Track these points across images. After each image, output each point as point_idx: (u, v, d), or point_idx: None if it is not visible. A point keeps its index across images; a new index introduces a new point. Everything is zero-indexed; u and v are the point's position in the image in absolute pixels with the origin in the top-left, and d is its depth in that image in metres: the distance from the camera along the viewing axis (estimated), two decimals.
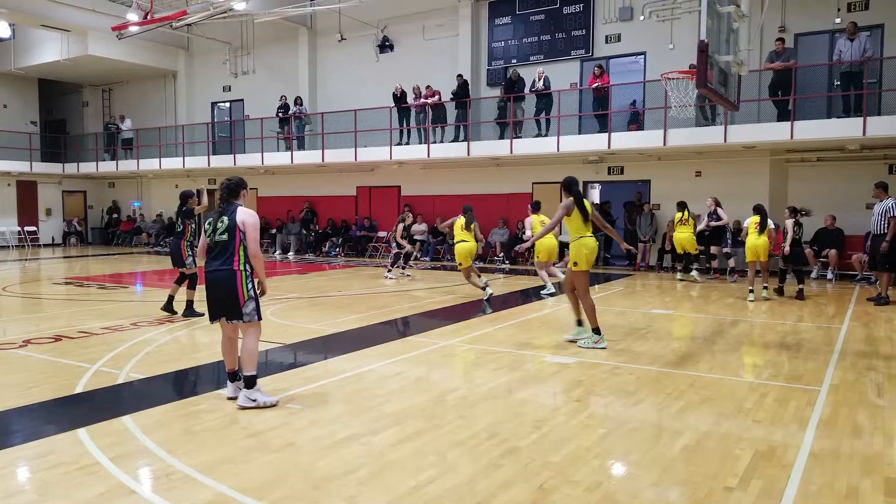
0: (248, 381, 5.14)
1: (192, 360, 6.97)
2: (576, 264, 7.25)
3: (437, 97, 17.84)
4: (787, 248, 11.32)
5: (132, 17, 18.72)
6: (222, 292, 5.15)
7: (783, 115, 13.60)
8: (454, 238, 11.66)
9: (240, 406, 5.12)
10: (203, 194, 9.60)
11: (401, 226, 14.95)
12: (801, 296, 11.15)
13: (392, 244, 15.01)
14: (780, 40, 13.91)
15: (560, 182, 7.52)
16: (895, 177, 13.51)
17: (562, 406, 5.28)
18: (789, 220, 11.35)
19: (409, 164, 19.28)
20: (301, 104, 20.51)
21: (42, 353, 7.10)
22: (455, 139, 17.73)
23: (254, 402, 5.10)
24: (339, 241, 20.81)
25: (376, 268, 16.76)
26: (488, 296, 11.11)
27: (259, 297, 5.30)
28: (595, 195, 18.47)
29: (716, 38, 7.27)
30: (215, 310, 5.25)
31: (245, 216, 5.18)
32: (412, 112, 18.37)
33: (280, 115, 20.63)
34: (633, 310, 10.13)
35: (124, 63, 23.47)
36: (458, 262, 11.50)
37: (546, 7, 17.86)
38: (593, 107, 15.94)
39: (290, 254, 20.92)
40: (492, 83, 18.75)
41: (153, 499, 3.58)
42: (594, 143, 15.59)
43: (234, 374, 5.32)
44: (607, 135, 15.23)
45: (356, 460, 4.09)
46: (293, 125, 20.42)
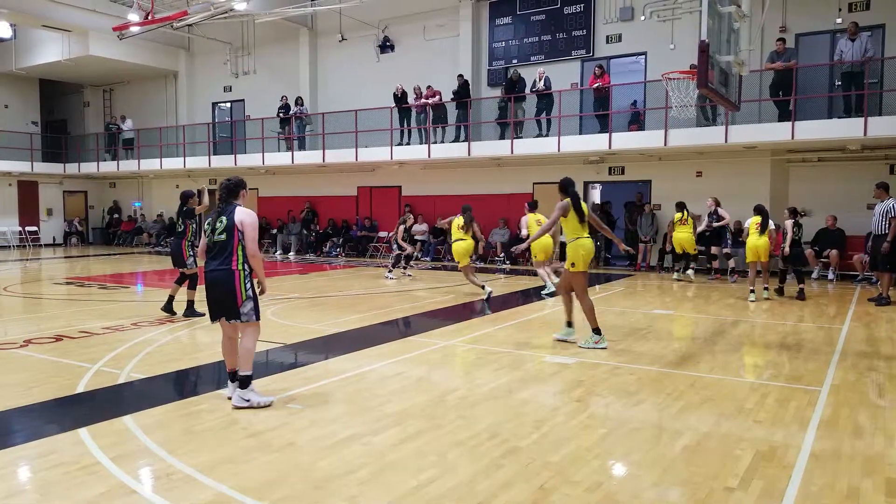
0: (242, 380, 5.16)
1: (192, 360, 6.98)
2: (573, 265, 7.27)
3: (437, 97, 17.85)
4: (786, 249, 11.33)
5: (133, 17, 18.74)
6: (221, 292, 5.18)
7: (784, 115, 13.59)
8: (452, 237, 11.86)
9: (234, 406, 5.12)
10: (204, 194, 9.60)
11: (402, 227, 14.96)
12: (801, 296, 11.14)
13: (393, 246, 15.02)
14: (781, 40, 13.90)
15: (557, 182, 7.52)
16: None
17: (562, 406, 5.28)
18: (789, 221, 11.35)
19: (410, 165, 19.28)
20: (302, 104, 20.52)
21: (43, 352, 7.10)
22: (456, 139, 17.74)
23: (247, 402, 5.11)
24: (340, 241, 20.81)
25: (377, 268, 16.76)
26: (488, 294, 11.17)
27: (259, 296, 5.31)
28: (596, 195, 18.47)
29: (717, 38, 7.27)
30: (215, 309, 5.28)
31: (243, 216, 5.19)
32: (413, 112, 18.37)
33: (281, 115, 20.63)
34: (633, 310, 10.13)
35: (125, 63, 23.49)
36: (457, 260, 11.75)
37: (547, 7, 17.85)
38: (594, 107, 15.94)
39: (291, 254, 20.92)
40: (492, 83, 18.75)
41: (154, 499, 3.58)
42: (595, 143, 15.60)
43: (234, 374, 5.32)
44: (608, 135, 15.23)
45: (357, 460, 4.10)
46: (294, 125, 20.43)
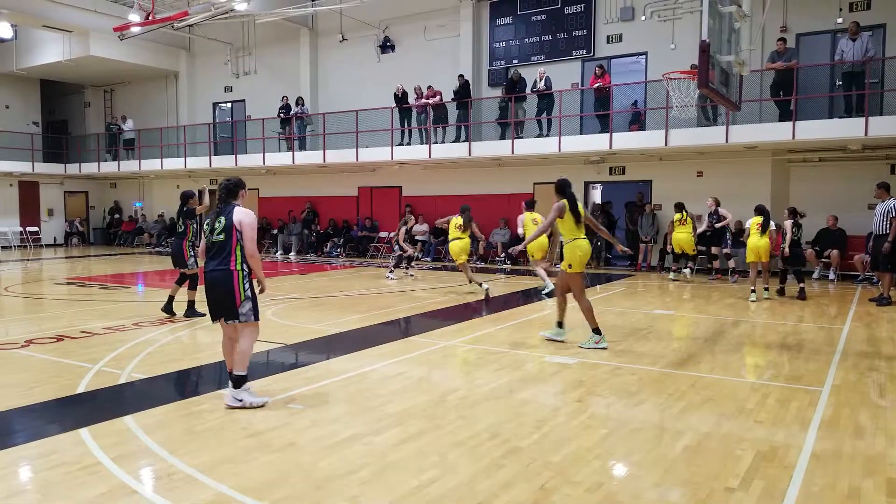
0: (236, 380, 5.15)
1: (193, 360, 6.99)
2: (570, 266, 7.29)
3: (438, 97, 17.85)
4: (786, 250, 11.33)
5: (134, 17, 18.73)
6: (219, 292, 5.19)
7: (785, 115, 13.58)
8: (449, 236, 12.26)
9: (226, 405, 5.12)
10: (204, 194, 9.60)
11: (403, 229, 14.98)
12: (802, 295, 11.14)
13: (395, 247, 15.03)
14: (782, 40, 13.89)
15: (553, 183, 7.53)
16: None
17: (563, 406, 5.28)
18: (788, 221, 11.36)
19: (411, 165, 19.29)
20: (303, 105, 20.52)
21: (44, 353, 7.11)
22: (456, 139, 17.74)
23: (240, 401, 5.10)
24: (341, 241, 20.81)
25: (378, 268, 16.76)
26: (486, 291, 11.40)
27: (259, 295, 5.32)
28: (597, 195, 18.47)
29: (717, 38, 7.27)
30: (214, 310, 5.29)
31: (242, 216, 5.19)
32: (413, 112, 18.38)
33: (281, 115, 20.65)
34: (634, 310, 10.13)
35: (126, 64, 23.50)
36: (454, 258, 12.16)
37: (547, 7, 17.85)
38: (595, 107, 15.93)
39: (292, 254, 20.93)
40: (493, 83, 18.74)
41: (155, 499, 3.58)
42: (595, 143, 15.59)
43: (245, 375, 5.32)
44: (609, 135, 15.22)
45: (358, 460, 4.10)
46: (294, 125, 20.43)
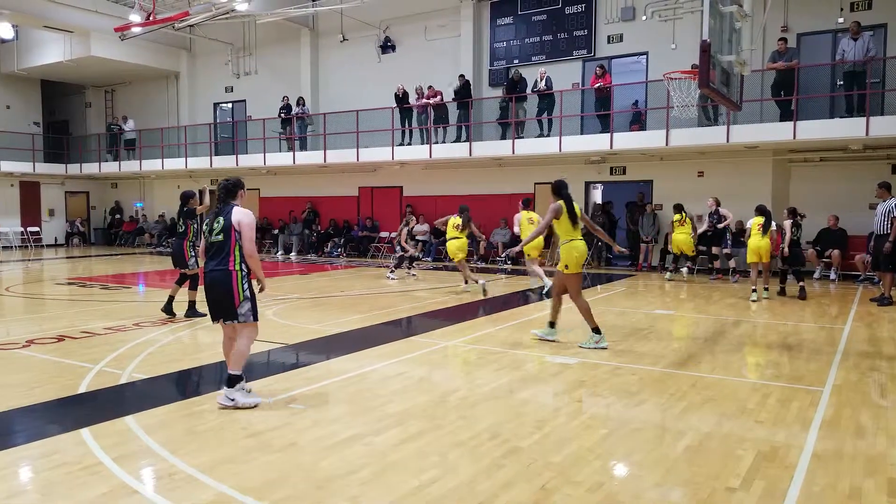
0: (230, 379, 5.15)
1: (194, 360, 6.99)
2: (566, 267, 7.30)
3: (438, 97, 17.85)
4: (785, 250, 11.33)
5: (135, 18, 18.75)
6: (219, 293, 5.19)
7: (786, 115, 13.57)
8: (447, 235, 12.47)
9: (219, 403, 5.12)
10: (205, 194, 9.61)
11: (405, 229, 14.99)
12: (803, 294, 11.14)
13: (396, 248, 15.03)
14: (783, 40, 13.88)
15: (550, 183, 7.54)
16: None
17: (563, 406, 5.28)
18: (787, 221, 11.36)
19: (411, 165, 19.29)
20: (303, 105, 20.53)
21: (45, 353, 7.11)
22: (457, 139, 17.73)
23: (232, 401, 5.09)
24: (341, 241, 20.82)
25: (378, 268, 16.77)
26: (483, 287, 11.63)
27: (259, 293, 5.32)
28: (597, 195, 18.46)
29: (718, 37, 7.26)
30: (214, 310, 5.29)
31: (240, 216, 5.19)
32: (414, 112, 18.38)
33: (282, 115, 20.65)
34: (635, 310, 10.13)
35: (127, 64, 23.51)
36: (451, 257, 12.40)
37: (548, 7, 17.84)
38: (595, 107, 15.93)
39: (292, 254, 20.94)
40: (494, 83, 18.74)
41: (156, 499, 3.58)
42: (596, 143, 15.59)
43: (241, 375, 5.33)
44: (609, 135, 15.22)
45: (359, 460, 4.10)
46: (295, 126, 20.44)
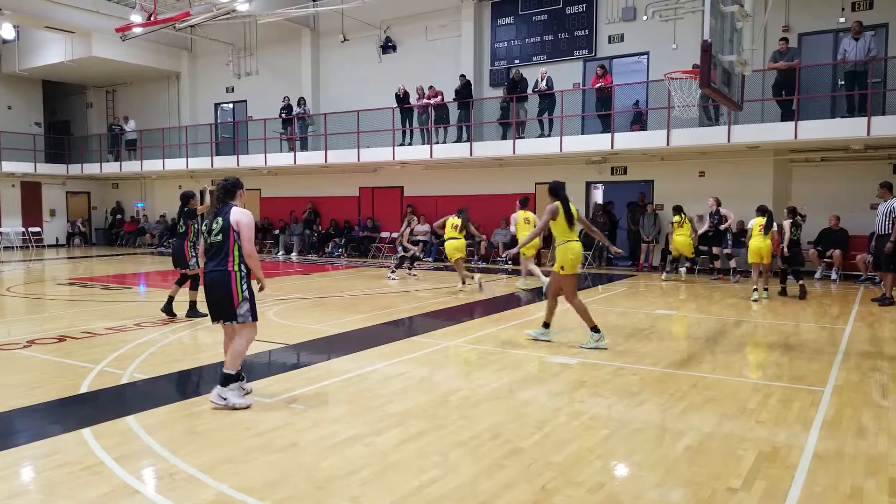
0: (224, 378, 5.15)
1: (195, 360, 6.99)
2: (562, 268, 7.32)
3: (439, 98, 17.85)
4: (785, 250, 11.33)
5: (136, 18, 18.78)
6: (218, 293, 5.20)
7: (787, 114, 13.57)
8: (445, 236, 12.64)
9: (211, 401, 5.12)
10: (206, 194, 9.60)
11: (407, 230, 15.00)
12: (803, 293, 11.14)
13: (398, 248, 15.04)
14: (784, 40, 13.87)
15: (548, 184, 7.55)
16: None
17: (564, 407, 5.28)
18: (786, 221, 11.36)
19: (412, 165, 19.28)
20: (304, 105, 20.53)
21: (46, 353, 7.12)
22: (458, 140, 17.73)
23: (224, 401, 5.08)
24: (342, 241, 20.82)
25: (379, 268, 16.77)
26: (478, 282, 12.16)
27: (260, 292, 5.32)
28: (598, 195, 18.45)
29: (719, 37, 7.26)
30: (213, 311, 5.30)
31: (239, 216, 5.19)
32: (415, 112, 18.38)
33: (283, 115, 20.66)
34: (636, 310, 10.12)
35: (128, 64, 23.52)
36: (448, 256, 12.57)
37: (549, 7, 17.84)
38: (596, 107, 15.92)
39: (293, 254, 20.94)
40: (494, 83, 18.74)
41: (157, 499, 3.59)
42: (597, 143, 15.58)
43: (237, 374, 5.32)
44: (610, 135, 15.21)
45: (359, 461, 4.10)
46: (296, 126, 20.44)
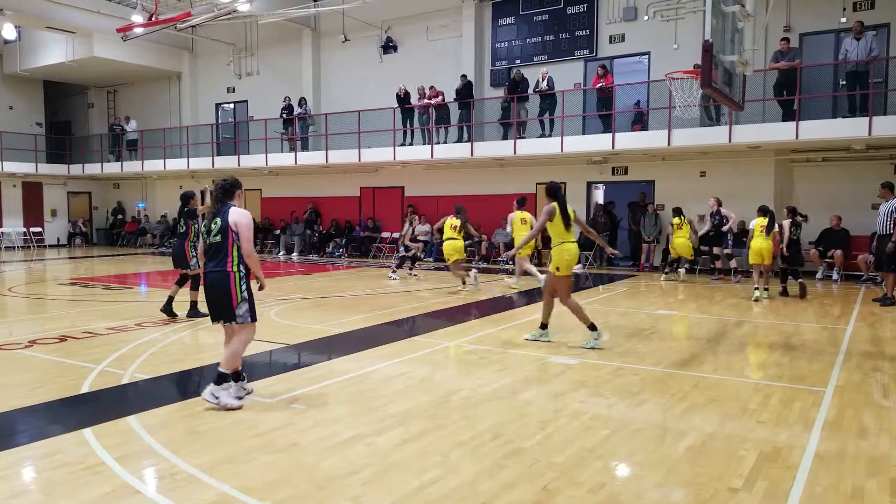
0: (218, 377, 5.14)
1: (196, 360, 6.99)
2: (558, 269, 7.32)
3: (440, 98, 17.85)
4: (784, 250, 11.33)
5: (137, 18, 18.80)
6: (217, 294, 5.20)
7: (788, 114, 13.56)
8: (443, 236, 12.65)
9: (203, 398, 5.11)
10: (207, 194, 9.60)
11: (410, 229, 15.01)
12: (803, 291, 11.14)
13: (400, 248, 15.04)
14: (786, 40, 13.86)
15: (545, 184, 7.56)
16: None
17: (565, 407, 5.27)
18: (786, 221, 11.36)
19: (413, 165, 19.28)
20: (305, 105, 20.53)
21: (47, 353, 7.12)
22: (459, 140, 17.73)
23: (216, 399, 5.07)
24: (343, 241, 20.83)
25: (380, 268, 16.77)
26: (473, 277, 12.32)
27: (259, 293, 5.31)
28: (599, 196, 18.45)
29: (720, 37, 7.25)
30: (213, 311, 5.30)
31: (237, 217, 5.19)
32: (416, 113, 18.38)
33: (284, 115, 20.67)
34: (637, 310, 10.12)
35: (129, 65, 23.54)
36: (446, 257, 12.51)
37: (550, 7, 17.83)
38: (597, 107, 15.92)
39: (294, 255, 20.94)
40: (495, 84, 18.74)
41: (158, 499, 3.59)
42: (598, 143, 15.58)
43: (237, 374, 5.34)
44: (611, 135, 15.21)
45: (360, 461, 4.10)
46: (297, 126, 20.45)
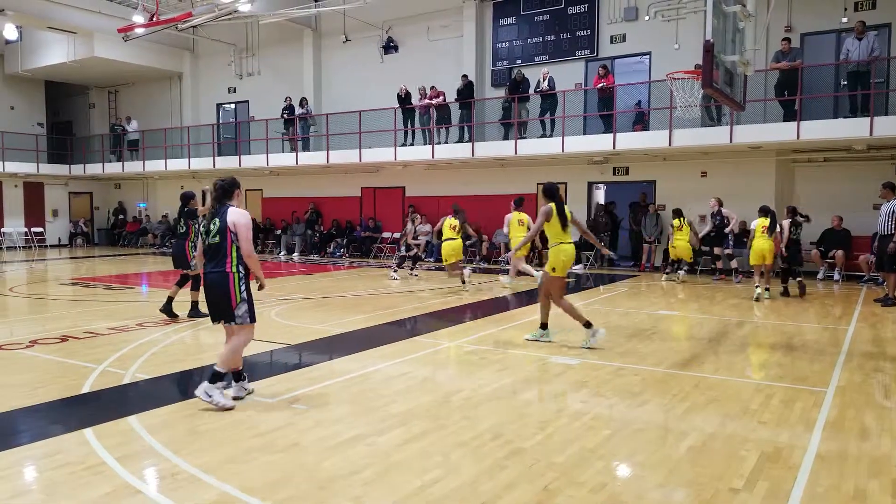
0: (213, 375, 5.13)
1: (196, 360, 6.98)
2: (553, 270, 7.32)
3: (441, 98, 17.85)
4: (783, 250, 11.33)
5: (138, 19, 18.81)
6: (216, 294, 5.20)
7: (789, 115, 13.55)
8: (442, 236, 12.65)
9: (196, 395, 5.11)
10: (207, 195, 9.60)
11: (412, 228, 15.02)
12: (802, 289, 11.14)
13: (402, 247, 15.04)
14: (787, 40, 13.85)
15: (543, 184, 7.56)
16: None
17: (566, 407, 5.27)
18: (786, 221, 11.36)
19: (414, 165, 19.29)
20: (306, 105, 20.54)
21: (49, 353, 7.13)
22: (460, 140, 17.74)
23: (209, 398, 5.05)
24: (344, 241, 20.84)
25: (381, 268, 16.77)
26: (467, 274, 12.43)
27: (259, 293, 5.31)
28: (600, 196, 18.44)
29: (721, 37, 7.25)
30: (213, 312, 5.30)
31: (236, 217, 5.18)
32: (417, 113, 18.38)
33: (285, 116, 20.68)
34: (637, 311, 10.11)
35: (130, 65, 23.56)
36: (445, 258, 12.48)
37: (551, 7, 17.83)
38: (598, 107, 15.92)
39: (295, 255, 20.95)
40: (496, 84, 18.74)
41: (159, 499, 3.59)
42: (599, 143, 15.57)
43: (238, 374, 5.34)
44: (612, 135, 15.20)
45: (361, 461, 4.10)
46: (298, 126, 20.45)
